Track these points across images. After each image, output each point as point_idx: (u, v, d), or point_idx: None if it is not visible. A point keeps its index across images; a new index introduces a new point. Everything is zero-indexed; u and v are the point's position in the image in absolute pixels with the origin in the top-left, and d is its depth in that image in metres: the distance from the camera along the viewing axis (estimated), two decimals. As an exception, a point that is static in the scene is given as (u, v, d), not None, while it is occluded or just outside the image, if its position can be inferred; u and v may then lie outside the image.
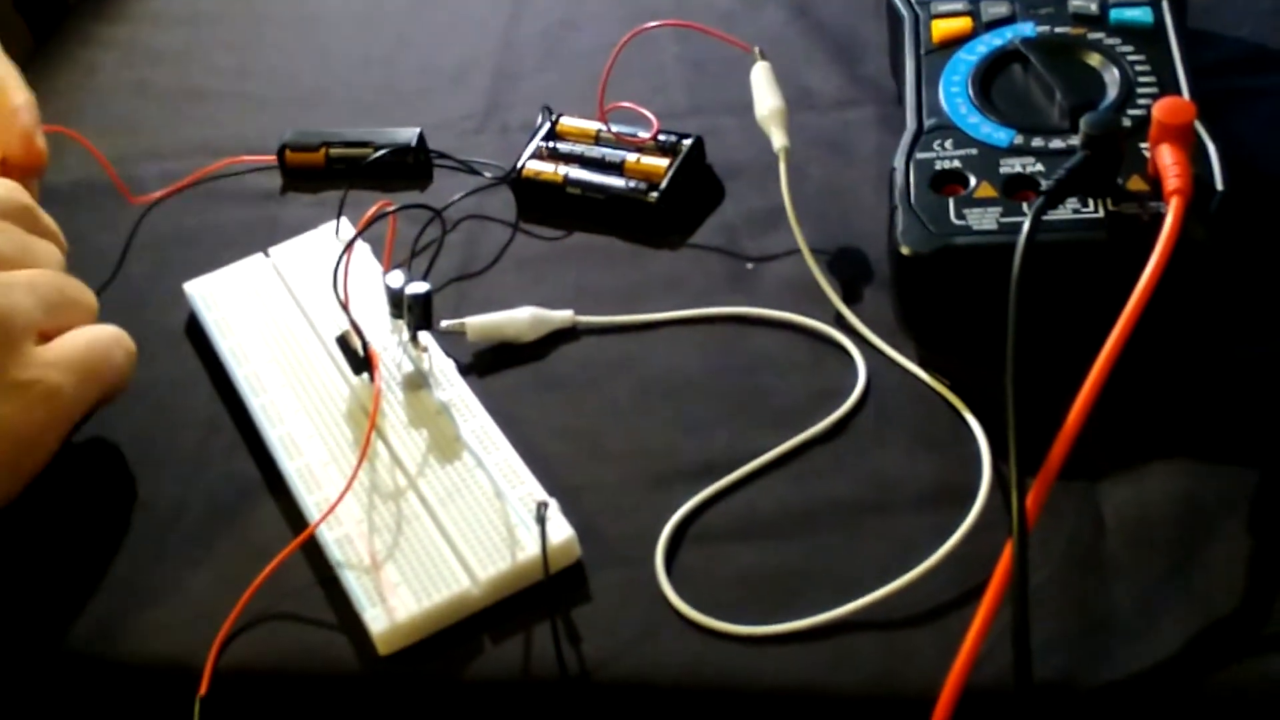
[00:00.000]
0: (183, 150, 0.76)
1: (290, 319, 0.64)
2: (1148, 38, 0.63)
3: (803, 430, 0.58)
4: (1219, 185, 0.56)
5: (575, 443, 0.59)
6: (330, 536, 0.55)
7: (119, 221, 0.72)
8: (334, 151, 0.72)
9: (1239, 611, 0.50)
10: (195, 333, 0.66)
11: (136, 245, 0.71)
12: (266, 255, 0.68)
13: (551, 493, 0.56)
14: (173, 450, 0.61)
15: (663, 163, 0.68)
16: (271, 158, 0.74)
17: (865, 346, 0.61)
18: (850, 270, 0.64)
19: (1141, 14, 0.63)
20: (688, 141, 0.69)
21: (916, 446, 0.57)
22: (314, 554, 0.56)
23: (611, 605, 0.54)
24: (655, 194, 0.67)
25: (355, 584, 0.54)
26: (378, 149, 0.72)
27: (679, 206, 0.68)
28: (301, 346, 0.63)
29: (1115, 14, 0.64)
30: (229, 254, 0.68)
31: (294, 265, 0.67)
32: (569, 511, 0.55)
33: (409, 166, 0.72)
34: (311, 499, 0.57)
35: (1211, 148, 0.57)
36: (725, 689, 0.51)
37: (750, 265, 0.65)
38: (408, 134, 0.73)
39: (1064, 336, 0.54)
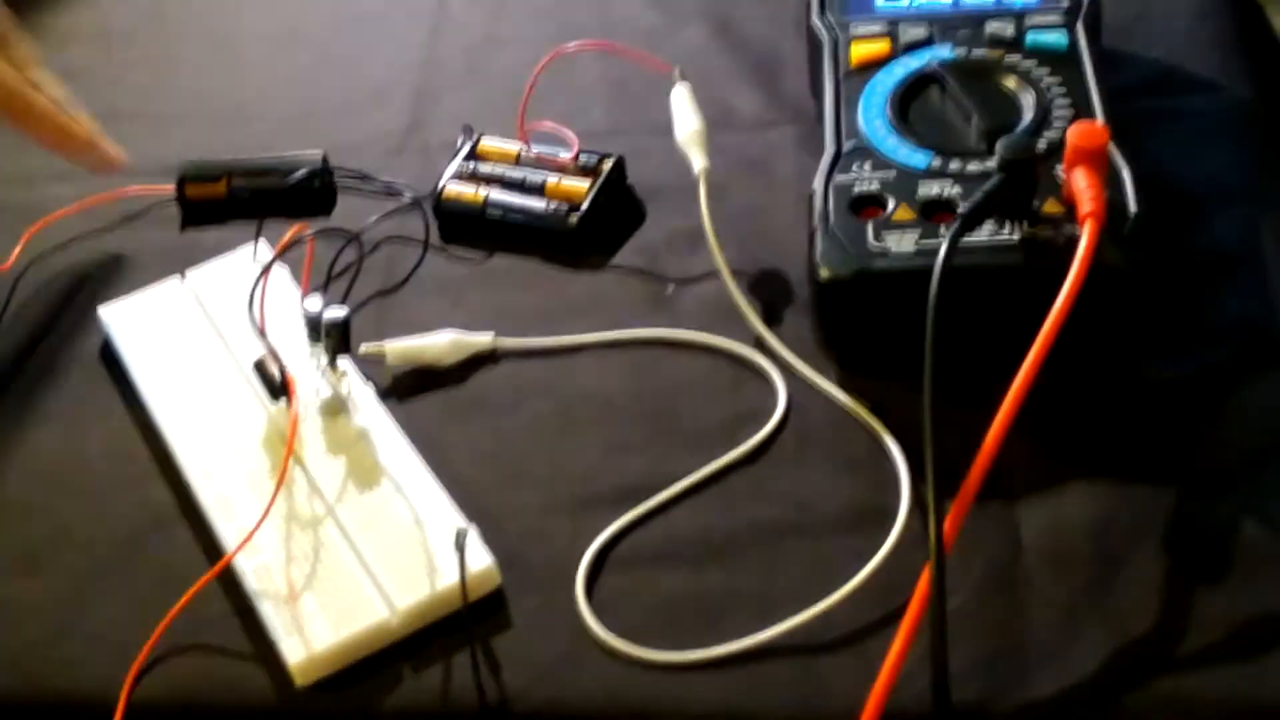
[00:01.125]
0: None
1: (207, 344, 0.63)
2: (1063, 61, 0.63)
3: (723, 453, 0.58)
4: (1132, 208, 0.57)
5: (496, 468, 0.59)
6: (247, 566, 0.55)
7: (30, 244, 0.71)
8: (236, 181, 0.71)
9: (1154, 632, 0.51)
10: (110, 358, 0.65)
11: (48, 269, 0.70)
12: (183, 279, 0.67)
13: (472, 518, 0.55)
14: (85, 478, 0.60)
15: (583, 184, 0.68)
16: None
17: (785, 369, 0.61)
18: (771, 292, 0.64)
19: (1057, 38, 0.64)
20: (609, 163, 0.69)
21: (836, 469, 0.57)
22: (230, 583, 0.55)
23: (532, 632, 0.53)
24: (575, 216, 0.67)
25: (272, 614, 0.53)
26: (282, 175, 0.71)
27: (599, 228, 0.68)
28: (218, 372, 0.62)
29: (1031, 38, 0.64)
30: (144, 277, 0.67)
31: (211, 289, 0.66)
32: (489, 537, 0.55)
33: (314, 191, 0.71)
34: (228, 527, 0.56)
35: (1125, 171, 0.58)
36: (646, 716, 0.51)
37: (671, 288, 0.65)
38: (312, 157, 0.72)
39: (982, 359, 0.54)
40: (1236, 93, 0.70)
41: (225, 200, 0.71)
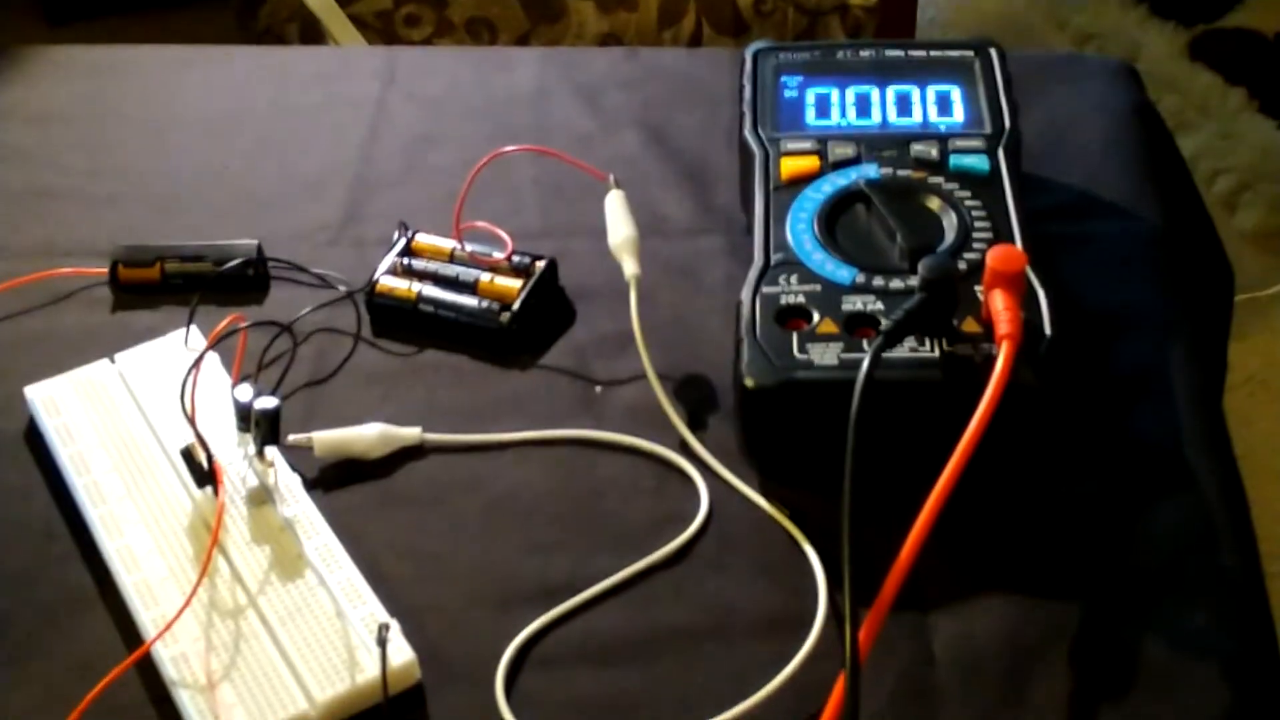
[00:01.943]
0: (27, 250, 0.75)
1: (134, 428, 0.63)
2: (984, 184, 0.66)
3: (645, 555, 0.59)
4: (1047, 331, 0.59)
5: (419, 563, 0.59)
6: (166, 654, 0.55)
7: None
8: (170, 266, 0.72)
9: (1060, 745, 0.52)
10: (35, 439, 0.65)
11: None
12: (112, 361, 0.67)
13: (394, 613, 0.56)
14: (4, 558, 0.60)
15: (516, 284, 0.69)
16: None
17: (708, 473, 0.62)
18: (696, 397, 0.65)
19: (978, 161, 0.66)
20: (541, 264, 0.70)
21: (756, 574, 0.58)
22: (148, 671, 0.55)
23: (450, 729, 0.54)
24: (507, 315, 0.68)
25: (189, 704, 0.53)
26: (215, 263, 0.72)
27: (530, 328, 0.69)
28: (145, 457, 0.62)
29: (954, 160, 0.66)
30: (73, 359, 0.67)
31: (140, 373, 0.66)
32: (411, 632, 0.55)
33: (248, 279, 0.72)
34: (148, 614, 0.56)
35: (1041, 294, 0.60)
36: (561, 816, 0.51)
37: (598, 389, 0.66)
38: (246, 247, 0.72)
39: (900, 471, 0.55)
40: (1147, 220, 0.73)
41: (159, 284, 0.72)
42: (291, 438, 0.62)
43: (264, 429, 0.60)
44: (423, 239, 0.72)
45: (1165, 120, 0.83)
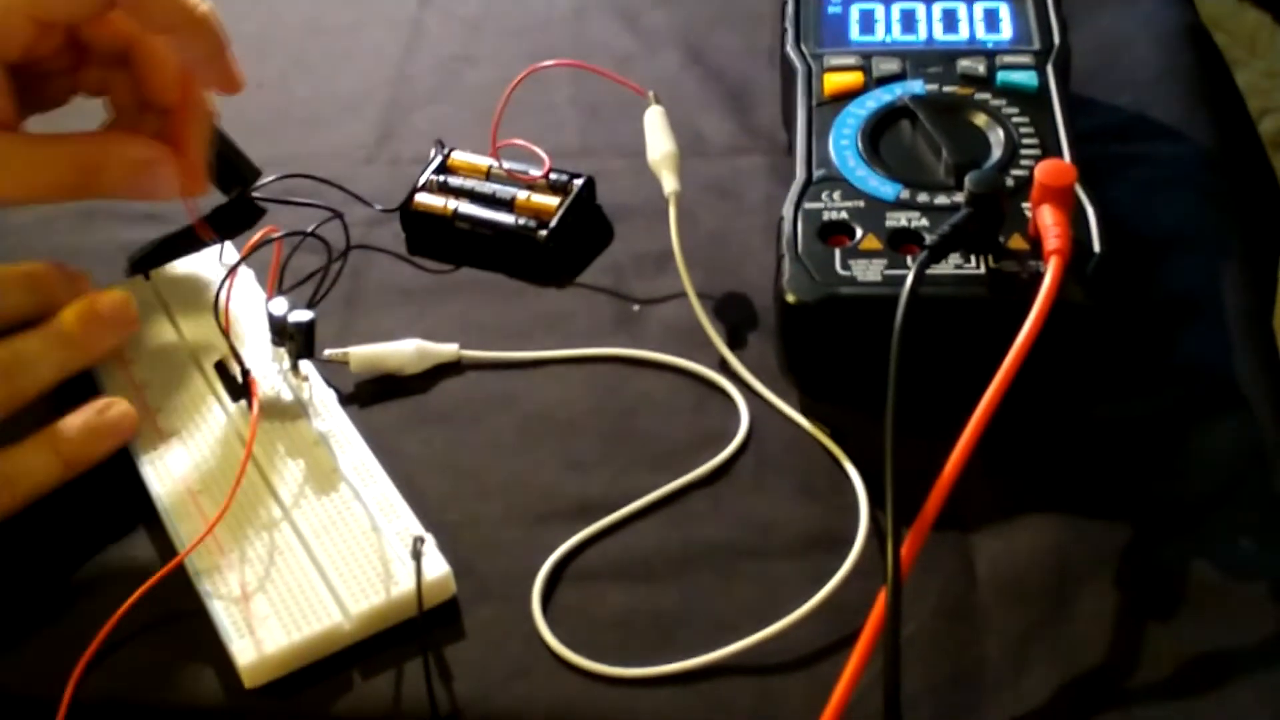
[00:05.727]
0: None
1: (168, 341, 0.63)
2: (1032, 101, 0.64)
3: (683, 473, 0.58)
4: (1097, 248, 0.57)
5: (455, 478, 0.59)
6: (199, 565, 0.54)
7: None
8: None
9: (1104, 665, 0.51)
10: (68, 353, 0.64)
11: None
12: (147, 277, 0.66)
13: (429, 528, 0.55)
14: (39, 472, 0.60)
15: (553, 201, 0.68)
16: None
17: (748, 392, 0.61)
18: (736, 316, 0.64)
19: (1027, 78, 0.65)
20: (579, 181, 0.69)
21: (795, 493, 0.58)
22: (182, 583, 0.54)
23: (485, 643, 0.53)
24: (544, 232, 0.67)
25: (223, 614, 0.53)
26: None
27: (568, 245, 0.68)
28: (178, 370, 0.62)
29: (1002, 76, 0.65)
30: (108, 275, 0.67)
31: (175, 288, 0.65)
32: (446, 547, 0.55)
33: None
34: (182, 526, 0.56)
35: (1090, 211, 0.59)
36: (597, 729, 0.51)
37: (636, 307, 0.66)
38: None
39: (944, 389, 0.54)
40: (1199, 142, 0.71)
41: None
42: (327, 352, 0.62)
43: (299, 343, 0.60)
44: (459, 156, 0.71)
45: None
